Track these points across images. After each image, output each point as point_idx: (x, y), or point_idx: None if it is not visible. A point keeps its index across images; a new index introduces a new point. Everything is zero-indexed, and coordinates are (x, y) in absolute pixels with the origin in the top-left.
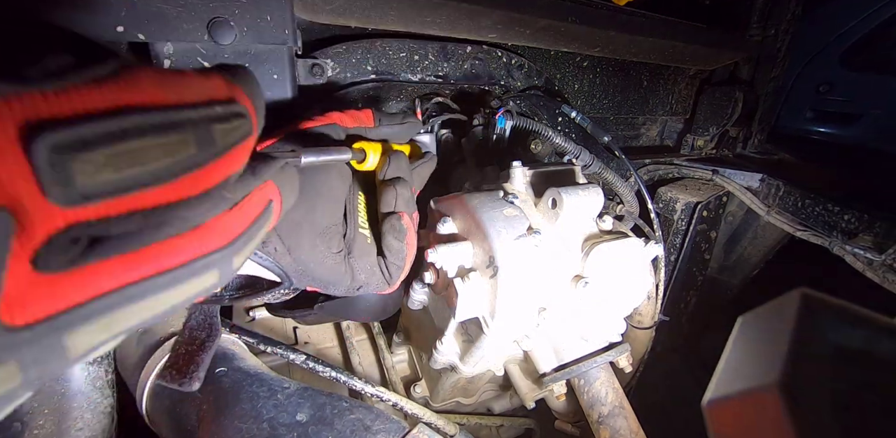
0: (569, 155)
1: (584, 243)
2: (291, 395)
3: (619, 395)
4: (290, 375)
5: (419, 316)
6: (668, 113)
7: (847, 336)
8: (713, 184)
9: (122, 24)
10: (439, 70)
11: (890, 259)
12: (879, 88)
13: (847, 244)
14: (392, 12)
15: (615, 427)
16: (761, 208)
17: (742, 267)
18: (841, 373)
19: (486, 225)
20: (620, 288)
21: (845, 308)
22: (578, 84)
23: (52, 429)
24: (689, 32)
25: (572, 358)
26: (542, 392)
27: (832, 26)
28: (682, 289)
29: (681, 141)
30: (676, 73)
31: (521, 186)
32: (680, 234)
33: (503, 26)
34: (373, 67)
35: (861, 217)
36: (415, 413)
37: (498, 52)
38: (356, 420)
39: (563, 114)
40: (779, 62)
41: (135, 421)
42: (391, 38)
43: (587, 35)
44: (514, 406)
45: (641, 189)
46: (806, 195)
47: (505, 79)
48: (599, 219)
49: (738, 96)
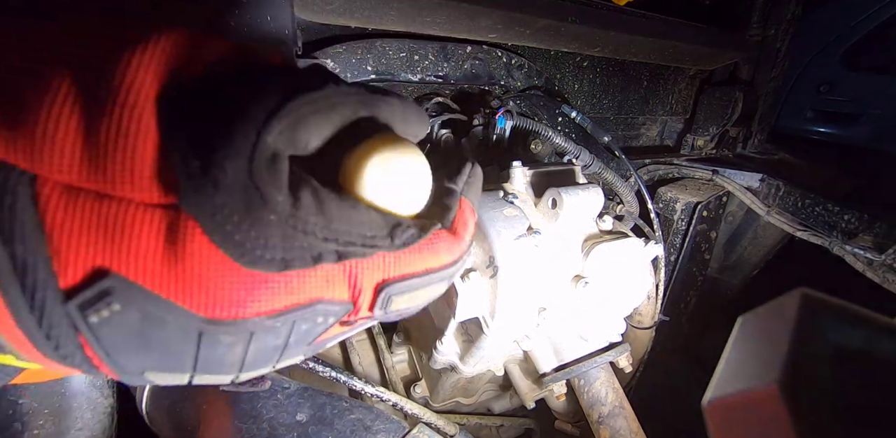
0: (569, 155)
1: (584, 243)
2: (291, 395)
3: (619, 395)
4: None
5: (419, 316)
6: (668, 113)
7: (847, 336)
8: (713, 184)
9: None
10: (439, 70)
11: (890, 259)
12: (879, 88)
13: (847, 244)
14: (392, 12)
15: (615, 427)
16: (761, 208)
17: (742, 267)
18: (841, 373)
19: (486, 225)
20: (620, 288)
21: (845, 308)
22: (578, 84)
23: (52, 429)
24: (689, 32)
25: (572, 358)
26: (542, 392)
27: (832, 26)
28: (682, 289)
29: (681, 141)
30: (676, 72)
31: (521, 186)
32: (680, 234)
33: (503, 26)
34: (373, 67)
35: (861, 217)
36: (415, 413)
37: (498, 52)
38: (356, 420)
39: (563, 114)
40: (779, 62)
41: (135, 421)
42: (391, 38)
43: (587, 35)
44: (514, 406)
45: (641, 189)
46: (806, 195)
47: (505, 79)
48: (599, 219)
49: (738, 96)
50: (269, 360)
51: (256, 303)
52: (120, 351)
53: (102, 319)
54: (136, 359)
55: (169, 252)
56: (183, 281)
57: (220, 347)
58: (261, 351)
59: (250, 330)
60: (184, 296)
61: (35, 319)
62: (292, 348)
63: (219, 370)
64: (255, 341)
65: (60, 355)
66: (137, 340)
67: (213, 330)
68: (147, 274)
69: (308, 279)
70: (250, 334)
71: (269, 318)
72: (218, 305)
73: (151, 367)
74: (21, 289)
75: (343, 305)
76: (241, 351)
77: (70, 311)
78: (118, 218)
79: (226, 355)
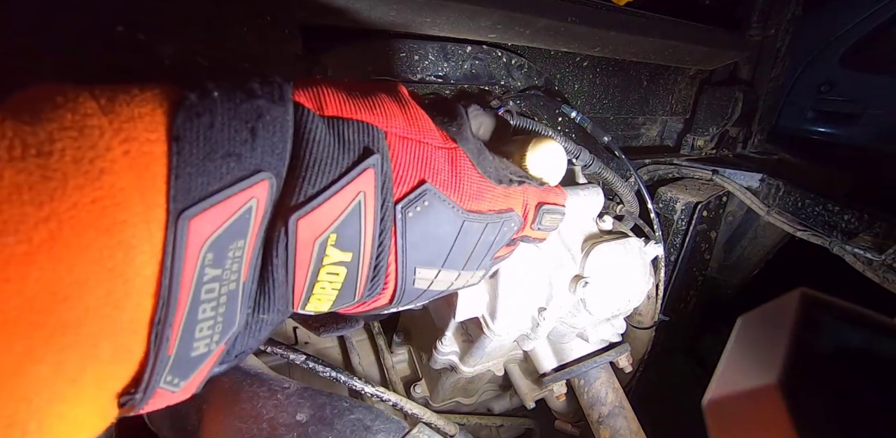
0: (569, 155)
1: (584, 243)
2: (291, 395)
3: (619, 395)
4: (290, 375)
5: (419, 316)
6: (668, 113)
7: (847, 336)
8: (713, 184)
9: (122, 24)
10: (439, 70)
11: (890, 259)
12: (880, 88)
13: (847, 244)
14: (392, 12)
15: (615, 427)
16: (761, 208)
17: (742, 267)
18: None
19: None
20: (620, 288)
21: (845, 308)
22: (578, 84)
23: None
24: (689, 32)
25: (572, 358)
26: (542, 392)
27: (832, 26)
28: (682, 289)
29: (681, 141)
30: (676, 72)
31: None
32: (680, 234)
33: (503, 26)
34: (373, 67)
35: (861, 217)
36: (415, 413)
37: (498, 52)
38: (356, 420)
39: (563, 114)
40: (779, 62)
41: (135, 421)
42: (391, 38)
43: (587, 35)
44: (514, 406)
45: (641, 189)
46: (806, 195)
47: (505, 79)
48: (599, 219)
49: (738, 96)
50: (480, 257)
51: (489, 203)
52: (415, 241)
53: (416, 213)
54: (420, 252)
55: (453, 172)
56: (460, 188)
57: (469, 235)
58: (483, 245)
59: (486, 221)
60: (459, 196)
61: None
62: (493, 247)
63: (455, 265)
64: (484, 233)
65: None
66: (429, 230)
67: (469, 221)
68: (444, 184)
69: (508, 197)
70: (485, 225)
71: (495, 215)
72: (475, 201)
73: (422, 262)
74: (379, 185)
75: (520, 219)
76: (475, 240)
77: (398, 209)
78: (428, 153)
79: (468, 243)
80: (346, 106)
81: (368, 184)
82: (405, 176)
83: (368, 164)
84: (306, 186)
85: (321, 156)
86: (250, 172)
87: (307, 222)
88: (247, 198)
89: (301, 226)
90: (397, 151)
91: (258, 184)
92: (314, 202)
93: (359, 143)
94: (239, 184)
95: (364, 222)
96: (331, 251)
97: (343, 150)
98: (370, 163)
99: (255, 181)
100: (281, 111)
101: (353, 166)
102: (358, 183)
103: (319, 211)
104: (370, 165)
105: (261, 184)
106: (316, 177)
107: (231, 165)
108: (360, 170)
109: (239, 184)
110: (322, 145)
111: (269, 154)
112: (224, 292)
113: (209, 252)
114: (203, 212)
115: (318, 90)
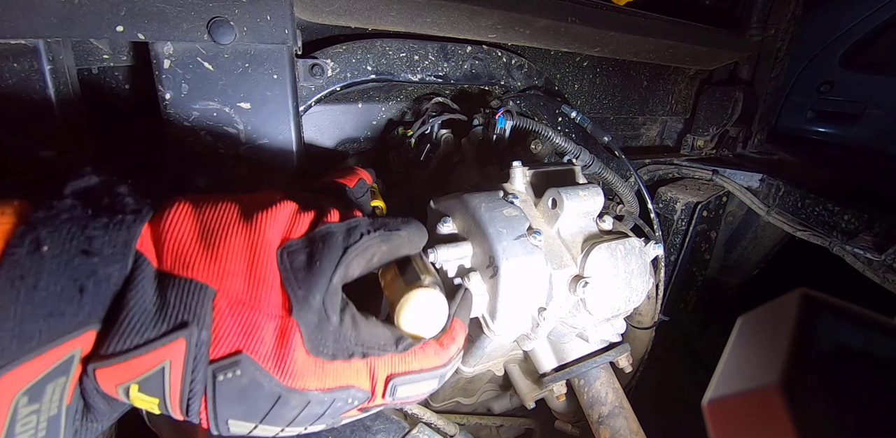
0: (569, 155)
1: (584, 243)
2: None
3: (619, 395)
4: None
5: None
6: (668, 113)
7: (847, 336)
8: (713, 184)
9: (122, 24)
10: (439, 70)
11: (890, 259)
12: (880, 88)
13: (847, 244)
14: (392, 13)
15: (615, 427)
16: (761, 208)
17: (742, 267)
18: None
19: (486, 225)
20: (620, 288)
21: (845, 308)
22: (578, 84)
23: None
24: (688, 32)
25: (572, 358)
26: (542, 392)
27: (832, 26)
28: (682, 289)
29: (681, 141)
30: (676, 73)
31: (521, 186)
32: (680, 234)
33: (503, 26)
34: (373, 67)
35: (861, 217)
36: (415, 413)
37: (498, 52)
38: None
39: (563, 114)
40: (779, 62)
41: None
42: (391, 38)
43: (587, 35)
44: (514, 406)
45: (641, 189)
46: (806, 195)
47: (505, 79)
48: (599, 219)
49: (738, 96)
50: (307, 423)
51: (316, 381)
52: (224, 401)
53: (227, 378)
54: (230, 410)
55: (278, 346)
56: (282, 363)
57: (286, 407)
58: (307, 415)
59: (308, 399)
60: (279, 372)
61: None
62: (325, 418)
63: (275, 423)
64: (308, 407)
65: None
66: (238, 395)
67: (287, 395)
68: (264, 357)
69: (346, 370)
70: (308, 401)
71: (322, 393)
72: (297, 379)
73: (234, 416)
74: (190, 356)
75: (365, 393)
76: (296, 412)
77: (209, 370)
78: (255, 322)
79: (286, 413)
80: (185, 257)
81: (178, 352)
82: (224, 342)
83: (180, 336)
84: (117, 342)
85: (139, 319)
86: (74, 327)
87: (107, 372)
88: (69, 350)
89: (100, 375)
90: (222, 316)
91: (82, 336)
92: (118, 359)
93: (180, 310)
94: (60, 340)
95: (169, 381)
96: (135, 395)
97: (160, 316)
98: (182, 334)
99: (79, 334)
100: (117, 267)
101: (166, 334)
102: (165, 350)
103: (121, 366)
104: (182, 337)
105: (86, 335)
106: (128, 337)
107: (53, 324)
108: (170, 340)
109: (60, 340)
110: (142, 308)
111: (97, 308)
112: (44, 419)
113: (24, 396)
114: (16, 368)
115: (164, 234)
